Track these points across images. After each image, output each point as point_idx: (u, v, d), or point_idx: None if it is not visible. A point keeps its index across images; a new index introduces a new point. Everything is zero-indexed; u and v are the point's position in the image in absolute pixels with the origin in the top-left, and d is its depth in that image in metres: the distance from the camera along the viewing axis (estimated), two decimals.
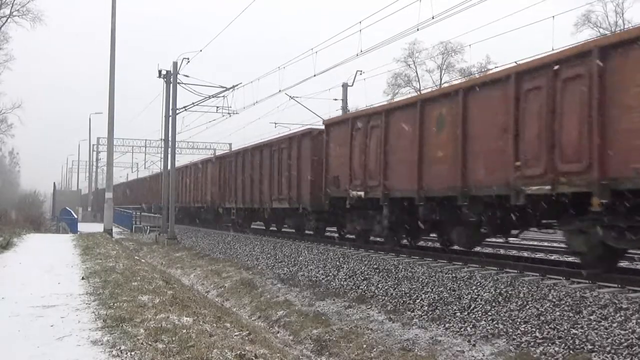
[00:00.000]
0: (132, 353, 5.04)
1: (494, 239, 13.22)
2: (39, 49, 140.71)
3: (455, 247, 12.52)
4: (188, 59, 25.30)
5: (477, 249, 12.77)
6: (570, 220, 9.09)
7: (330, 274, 12.19)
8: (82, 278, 9.91)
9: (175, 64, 25.80)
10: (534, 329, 7.21)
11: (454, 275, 9.76)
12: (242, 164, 22.65)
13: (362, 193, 13.75)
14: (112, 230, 25.19)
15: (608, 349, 6.32)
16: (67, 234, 28.01)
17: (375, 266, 11.61)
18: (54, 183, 69.79)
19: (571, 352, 6.51)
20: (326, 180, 15.48)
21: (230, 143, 53.28)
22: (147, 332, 5.68)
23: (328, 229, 17.95)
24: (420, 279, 10.04)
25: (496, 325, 7.65)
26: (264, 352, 5.38)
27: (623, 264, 10.18)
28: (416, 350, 7.50)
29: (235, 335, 6.03)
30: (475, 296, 8.66)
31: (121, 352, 5.10)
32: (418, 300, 9.28)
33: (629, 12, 38.29)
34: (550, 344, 6.78)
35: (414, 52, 46.44)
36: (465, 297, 8.76)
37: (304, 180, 17.02)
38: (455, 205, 10.90)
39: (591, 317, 6.99)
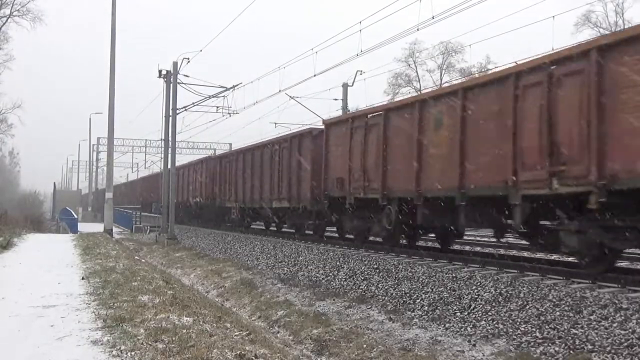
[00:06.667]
0: (132, 353, 5.04)
1: (494, 239, 13.22)
2: (39, 49, 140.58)
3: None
4: (188, 59, 25.29)
5: (478, 249, 12.80)
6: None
7: (330, 274, 12.18)
8: (82, 278, 9.91)
9: (175, 64, 25.77)
10: (534, 329, 7.21)
11: (454, 275, 9.74)
12: None
13: None
14: (112, 230, 25.21)
15: (608, 349, 6.31)
16: (67, 234, 28.05)
17: (375, 266, 11.60)
18: (54, 183, 70.04)
19: (571, 352, 6.51)
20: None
21: (230, 143, 53.29)
22: (147, 332, 5.67)
23: None
24: (420, 279, 10.03)
25: (496, 325, 7.65)
26: (264, 352, 5.37)
27: (623, 263, 10.16)
28: (416, 350, 7.49)
29: (235, 335, 6.03)
30: (476, 296, 8.66)
31: (121, 352, 5.10)
32: (418, 300, 9.28)
33: (629, 12, 38.28)
34: (550, 344, 6.78)
35: (415, 52, 46.43)
36: (466, 297, 8.76)
37: None
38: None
39: (591, 317, 6.98)
